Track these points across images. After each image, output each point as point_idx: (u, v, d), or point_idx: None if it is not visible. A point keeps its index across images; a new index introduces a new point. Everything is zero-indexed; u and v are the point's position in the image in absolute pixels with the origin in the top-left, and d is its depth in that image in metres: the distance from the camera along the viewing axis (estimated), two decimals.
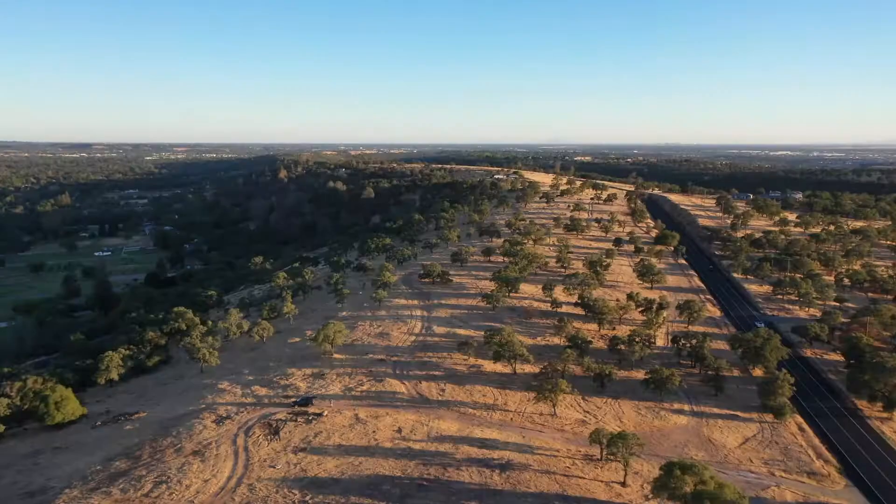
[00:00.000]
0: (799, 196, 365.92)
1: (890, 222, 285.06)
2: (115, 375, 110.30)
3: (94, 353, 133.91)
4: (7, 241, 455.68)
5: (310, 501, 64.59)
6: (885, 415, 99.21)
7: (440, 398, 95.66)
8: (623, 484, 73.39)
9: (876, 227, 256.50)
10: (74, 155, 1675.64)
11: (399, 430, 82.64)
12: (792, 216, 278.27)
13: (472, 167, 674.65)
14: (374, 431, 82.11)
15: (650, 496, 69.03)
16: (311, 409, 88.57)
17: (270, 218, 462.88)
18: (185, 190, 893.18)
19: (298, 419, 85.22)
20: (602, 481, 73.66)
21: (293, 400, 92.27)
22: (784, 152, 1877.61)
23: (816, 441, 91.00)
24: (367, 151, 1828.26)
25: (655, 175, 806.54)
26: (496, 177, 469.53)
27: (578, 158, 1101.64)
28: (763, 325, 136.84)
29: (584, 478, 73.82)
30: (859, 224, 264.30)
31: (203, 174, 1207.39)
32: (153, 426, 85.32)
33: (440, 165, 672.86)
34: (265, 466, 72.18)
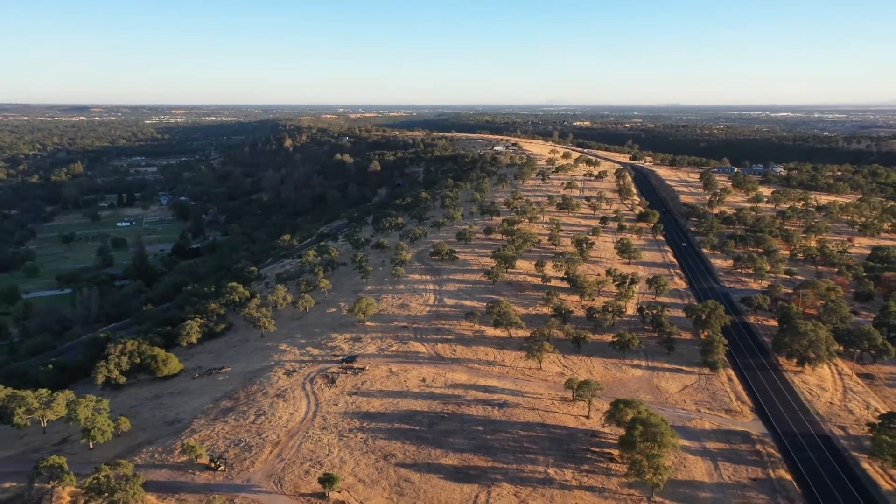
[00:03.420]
0: (780, 170, 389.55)
1: (860, 195, 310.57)
2: (194, 339, 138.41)
3: (162, 321, 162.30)
4: (32, 212, 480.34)
5: (367, 426, 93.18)
6: (797, 368, 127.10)
7: (452, 356, 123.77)
8: (587, 416, 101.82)
9: (841, 202, 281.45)
10: (74, 119, 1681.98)
11: (423, 380, 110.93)
12: (768, 191, 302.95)
13: (472, 135, 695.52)
14: (405, 381, 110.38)
15: (605, 424, 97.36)
16: (355, 365, 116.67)
17: (282, 189, 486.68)
18: (190, 157, 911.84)
19: (347, 372, 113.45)
20: (572, 415, 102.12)
21: (340, 358, 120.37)
22: (785, 114, 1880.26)
23: (740, 388, 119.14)
24: (367, 114, 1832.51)
25: (652, 142, 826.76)
26: (496, 148, 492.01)
27: (577, 124, 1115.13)
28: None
29: (559, 413, 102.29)
30: (827, 200, 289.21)
31: (206, 139, 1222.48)
32: (239, 377, 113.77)
33: (441, 134, 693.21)
34: (330, 404, 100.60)
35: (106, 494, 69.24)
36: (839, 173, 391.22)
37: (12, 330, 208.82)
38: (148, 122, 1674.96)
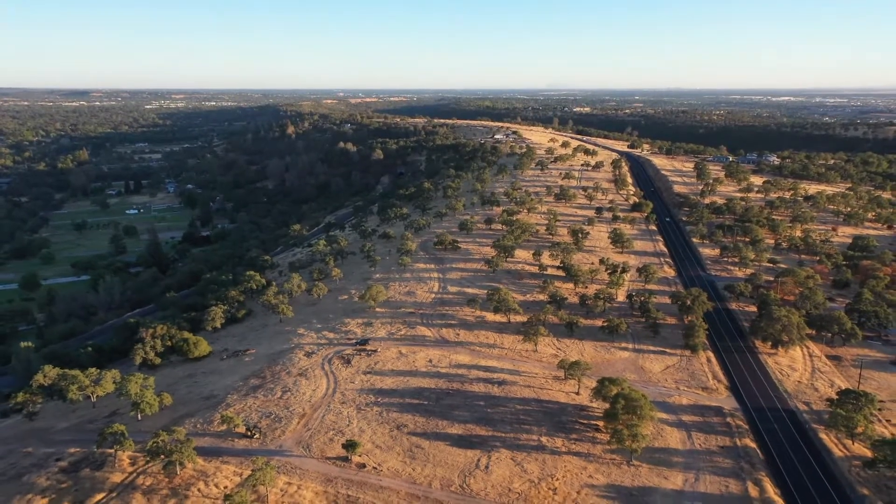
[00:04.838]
0: (774, 159, 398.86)
1: (850, 185, 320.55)
2: (218, 324, 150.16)
3: (185, 307, 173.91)
4: (41, 200, 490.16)
5: (381, 401, 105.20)
6: (771, 351, 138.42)
7: (456, 340, 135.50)
8: (577, 393, 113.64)
9: (830, 192, 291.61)
10: (74, 103, 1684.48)
11: (430, 361, 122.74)
12: (759, 181, 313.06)
13: (472, 122, 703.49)
14: (413, 361, 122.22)
15: (592, 399, 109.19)
16: (368, 347, 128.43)
17: (286, 177, 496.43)
18: (193, 143, 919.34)
19: (361, 354, 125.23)
20: (564, 391, 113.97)
21: (354, 341, 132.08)
22: (787, 98, 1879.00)
23: (717, 368, 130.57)
24: (367, 99, 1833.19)
25: (651, 128, 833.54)
26: (496, 137, 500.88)
27: (577, 110, 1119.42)
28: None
29: (552, 390, 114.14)
30: (817, 189, 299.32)
31: (207, 125, 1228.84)
32: (264, 358, 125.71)
33: (442, 121, 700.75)
34: (348, 382, 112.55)
35: (163, 457, 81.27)
36: (832, 162, 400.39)
37: (37, 315, 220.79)
38: (148, 107, 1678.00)
